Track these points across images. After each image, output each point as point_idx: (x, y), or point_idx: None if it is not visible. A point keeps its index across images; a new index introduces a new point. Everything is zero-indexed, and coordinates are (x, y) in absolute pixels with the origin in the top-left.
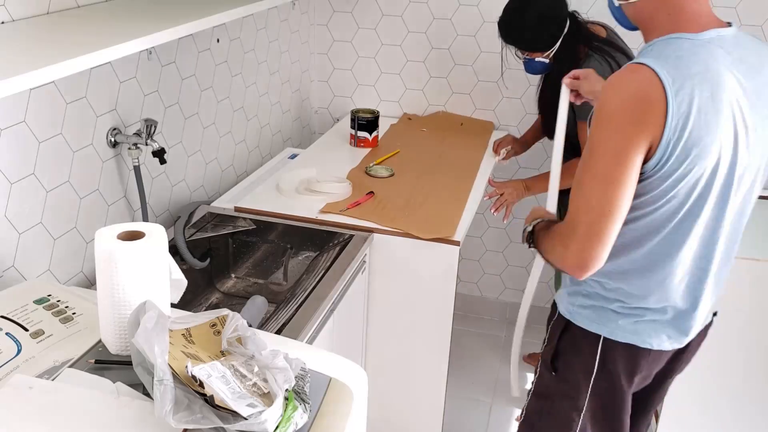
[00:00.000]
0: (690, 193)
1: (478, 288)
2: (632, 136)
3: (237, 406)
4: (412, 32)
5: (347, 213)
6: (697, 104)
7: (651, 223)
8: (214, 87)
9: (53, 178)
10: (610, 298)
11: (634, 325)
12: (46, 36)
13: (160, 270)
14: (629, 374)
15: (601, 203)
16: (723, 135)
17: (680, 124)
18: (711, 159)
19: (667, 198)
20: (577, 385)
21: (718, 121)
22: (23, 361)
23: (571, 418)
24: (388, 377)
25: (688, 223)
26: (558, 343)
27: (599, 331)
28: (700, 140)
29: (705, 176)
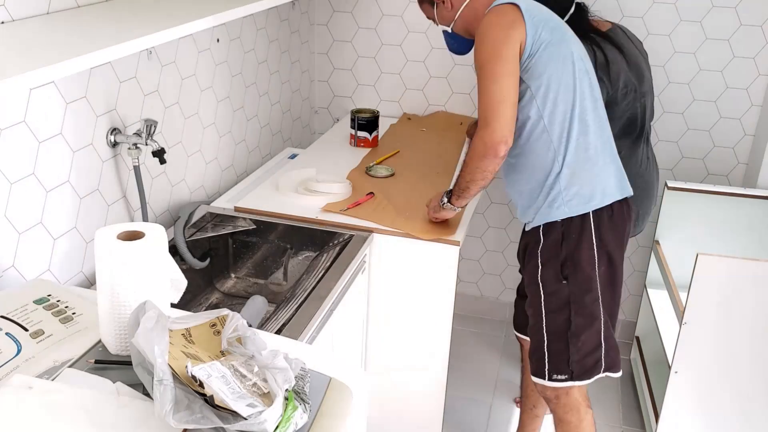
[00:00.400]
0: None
1: (478, 288)
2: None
3: (237, 406)
4: (412, 32)
5: (347, 213)
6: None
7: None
8: (214, 87)
9: (53, 178)
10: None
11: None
12: (46, 36)
13: (160, 270)
14: (620, 240)
15: (494, 93)
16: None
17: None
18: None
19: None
20: (589, 277)
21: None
22: (23, 361)
23: (595, 308)
24: (388, 377)
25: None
26: (560, 254)
27: (593, 206)
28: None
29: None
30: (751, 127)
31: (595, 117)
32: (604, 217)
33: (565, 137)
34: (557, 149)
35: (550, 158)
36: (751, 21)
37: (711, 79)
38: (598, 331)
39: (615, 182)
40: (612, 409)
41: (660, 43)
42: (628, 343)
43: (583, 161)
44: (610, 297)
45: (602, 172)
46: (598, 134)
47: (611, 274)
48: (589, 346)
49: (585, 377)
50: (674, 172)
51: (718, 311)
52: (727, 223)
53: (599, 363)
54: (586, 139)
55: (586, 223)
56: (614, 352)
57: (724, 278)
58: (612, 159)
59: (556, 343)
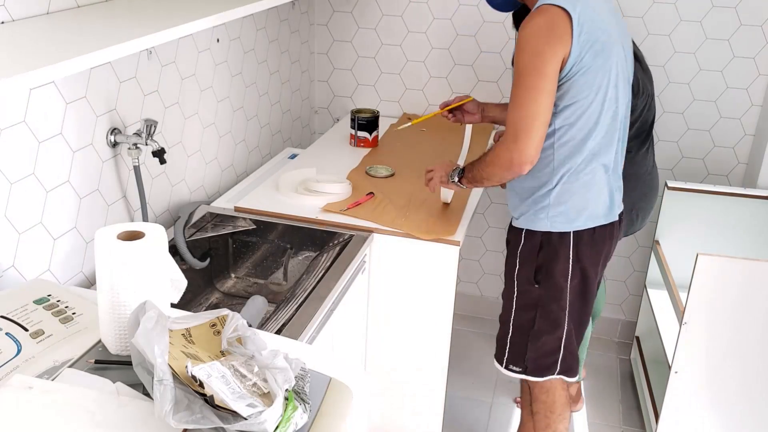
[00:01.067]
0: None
1: (478, 288)
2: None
3: (237, 406)
4: (412, 32)
5: (347, 213)
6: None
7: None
8: (214, 87)
9: (53, 178)
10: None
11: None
12: (46, 36)
13: (160, 270)
14: (597, 258)
15: (531, 108)
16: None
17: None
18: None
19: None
20: (560, 287)
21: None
22: (23, 361)
23: (560, 316)
24: (388, 377)
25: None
26: (536, 260)
27: (575, 227)
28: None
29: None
30: (751, 127)
31: (607, 143)
32: (584, 237)
33: (569, 160)
34: (556, 168)
35: (547, 174)
36: (751, 21)
37: (711, 79)
38: (559, 337)
39: (604, 209)
40: (612, 409)
41: (660, 43)
42: (628, 343)
43: (578, 185)
44: (580, 307)
45: (594, 198)
46: (604, 161)
47: (583, 287)
48: (547, 348)
49: (538, 374)
50: (674, 172)
51: (718, 311)
52: (727, 223)
53: (555, 365)
54: (589, 166)
55: (565, 239)
56: (572, 359)
57: (724, 278)
58: (609, 185)
59: (518, 338)
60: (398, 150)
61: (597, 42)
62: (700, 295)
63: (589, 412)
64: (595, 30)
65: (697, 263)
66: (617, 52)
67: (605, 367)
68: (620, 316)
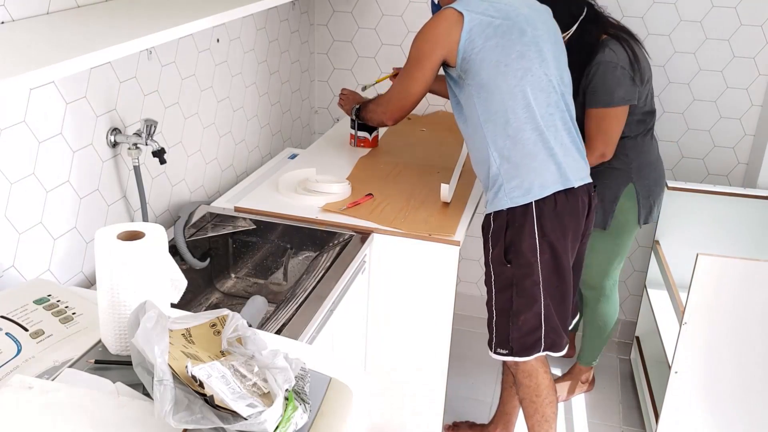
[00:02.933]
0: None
1: (478, 288)
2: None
3: (237, 406)
4: (412, 32)
5: (347, 212)
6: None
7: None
8: (214, 87)
9: (53, 178)
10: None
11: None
12: (46, 36)
13: (160, 270)
14: (562, 230)
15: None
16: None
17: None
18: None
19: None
20: (529, 262)
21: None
22: (23, 361)
23: (535, 291)
24: (388, 377)
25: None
26: (504, 239)
27: (532, 197)
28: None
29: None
30: (751, 127)
31: (542, 116)
32: (546, 209)
33: (499, 135)
34: (491, 145)
35: (486, 152)
36: (751, 21)
37: (711, 79)
38: (537, 313)
39: (555, 176)
40: (612, 409)
41: (660, 43)
42: (628, 343)
43: (521, 156)
44: (556, 283)
45: (541, 166)
46: (542, 129)
47: (555, 263)
48: (528, 326)
49: (525, 354)
50: (674, 172)
51: (718, 311)
52: (727, 223)
53: (539, 342)
54: (525, 135)
55: (528, 213)
56: (554, 334)
57: (724, 278)
58: (553, 153)
59: (500, 320)
60: (398, 150)
61: (489, 26)
62: (700, 295)
63: (589, 412)
64: (486, 18)
65: (697, 263)
66: (519, 30)
67: (605, 367)
68: (620, 316)
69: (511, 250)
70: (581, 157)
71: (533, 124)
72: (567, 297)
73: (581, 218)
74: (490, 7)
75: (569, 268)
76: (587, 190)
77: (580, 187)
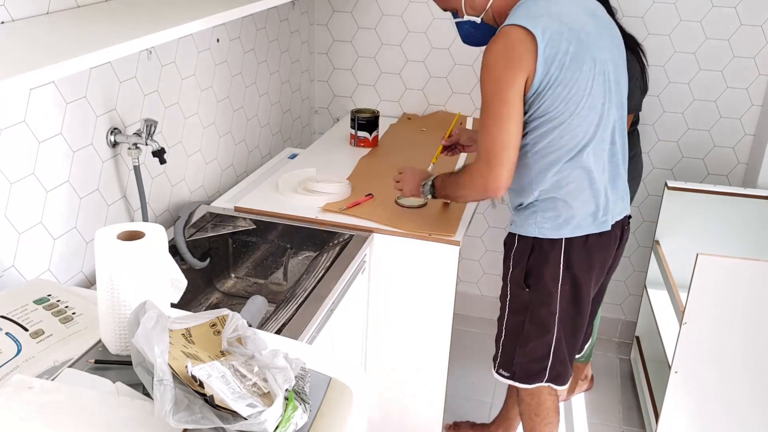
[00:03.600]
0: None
1: (478, 288)
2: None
3: (237, 406)
4: (412, 32)
5: (347, 212)
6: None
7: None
8: (214, 87)
9: (53, 178)
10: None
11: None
12: (46, 36)
13: (160, 270)
14: (588, 267)
15: (499, 137)
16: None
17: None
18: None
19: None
20: (549, 291)
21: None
22: (23, 361)
23: (549, 321)
24: (388, 377)
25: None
26: (527, 262)
27: (562, 235)
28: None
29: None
30: (751, 127)
31: (595, 152)
32: (575, 243)
33: (547, 171)
34: (535, 180)
35: (528, 186)
36: (751, 21)
37: (711, 79)
38: (548, 343)
39: (592, 218)
40: (612, 409)
41: (660, 43)
42: (628, 343)
43: (563, 194)
44: (573, 314)
45: (581, 207)
46: (587, 169)
47: (575, 294)
48: (536, 353)
49: (526, 381)
50: (674, 172)
51: (718, 311)
52: (727, 223)
53: (543, 372)
54: (573, 174)
55: (556, 244)
56: (562, 367)
57: (724, 278)
58: (597, 193)
59: (509, 341)
60: (398, 150)
61: (566, 54)
62: (700, 295)
63: (589, 412)
64: (562, 42)
65: (697, 263)
66: (591, 58)
67: (605, 367)
68: (620, 316)
69: (531, 275)
70: (624, 189)
71: (584, 164)
72: (581, 330)
73: (611, 254)
74: (562, 25)
75: (588, 301)
76: (621, 224)
77: (614, 224)
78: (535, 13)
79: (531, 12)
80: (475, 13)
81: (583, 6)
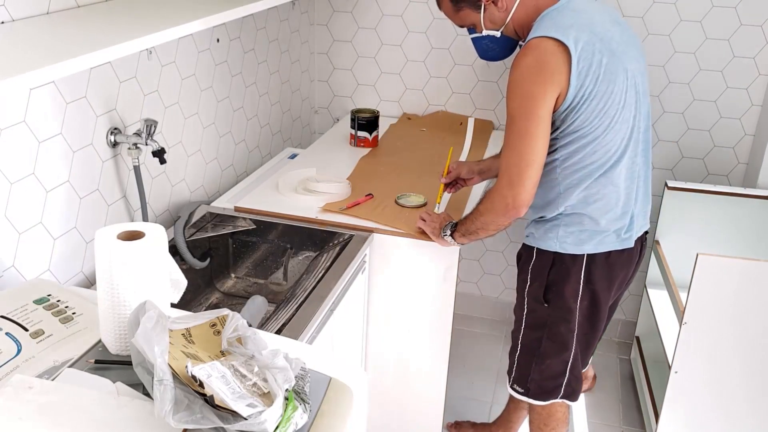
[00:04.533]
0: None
1: (478, 288)
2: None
3: (237, 406)
4: (412, 32)
5: (347, 212)
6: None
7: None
8: (214, 87)
9: (53, 178)
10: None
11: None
12: (46, 36)
13: (160, 270)
14: (608, 284)
15: (525, 154)
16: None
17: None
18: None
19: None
20: (569, 308)
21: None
22: (23, 361)
23: (568, 338)
24: (388, 377)
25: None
26: (547, 278)
27: (585, 251)
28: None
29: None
30: (751, 127)
31: (625, 168)
32: (598, 260)
33: (575, 186)
34: (562, 195)
35: (554, 200)
36: (751, 21)
37: (711, 79)
38: (565, 360)
39: (616, 235)
40: (612, 409)
41: (660, 43)
42: (628, 343)
43: (590, 210)
44: (588, 330)
45: (608, 224)
46: (616, 184)
47: (593, 311)
48: (552, 370)
49: (540, 398)
50: (674, 172)
51: (718, 311)
52: (727, 223)
53: (558, 389)
54: (599, 190)
55: (578, 260)
56: (576, 383)
57: (724, 278)
58: (624, 208)
59: (525, 357)
60: (398, 150)
61: (599, 66)
62: (700, 295)
63: (589, 412)
64: (595, 54)
65: (697, 263)
66: (623, 70)
67: (605, 367)
68: (620, 316)
69: (551, 291)
70: (648, 202)
71: (615, 180)
72: (593, 345)
73: (631, 269)
74: (593, 36)
75: (604, 317)
76: (641, 240)
77: (636, 239)
78: (564, 24)
79: (559, 22)
80: (495, 27)
81: (608, 14)
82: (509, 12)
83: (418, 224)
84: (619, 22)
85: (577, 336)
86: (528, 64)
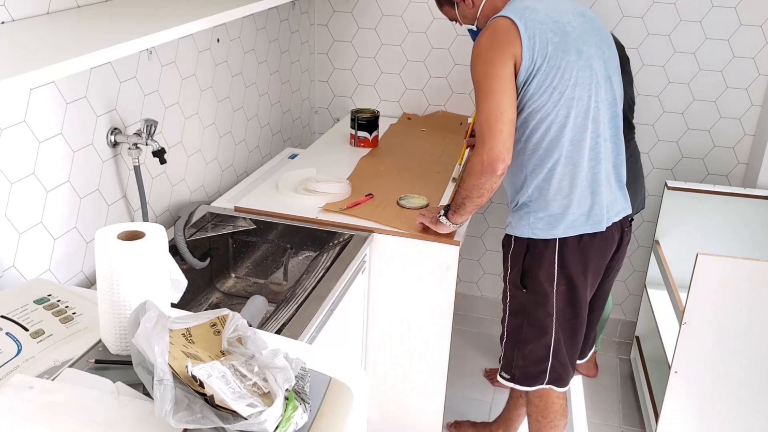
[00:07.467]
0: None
1: (478, 288)
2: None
3: (237, 406)
4: (412, 32)
5: (347, 212)
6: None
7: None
8: (214, 87)
9: (53, 178)
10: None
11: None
12: (46, 36)
13: (160, 270)
14: (583, 268)
15: (491, 109)
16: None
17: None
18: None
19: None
20: (545, 292)
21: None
22: (23, 361)
23: (546, 322)
24: (388, 377)
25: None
26: (523, 263)
27: (555, 235)
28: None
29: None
30: (751, 127)
31: (588, 149)
32: (569, 242)
33: (539, 167)
34: (528, 176)
35: (521, 182)
36: (751, 21)
37: (711, 79)
38: (546, 345)
39: (586, 218)
40: (612, 409)
41: (660, 43)
42: (628, 343)
43: (555, 191)
44: (571, 316)
45: (575, 206)
46: (578, 166)
47: (571, 295)
48: (534, 356)
49: (527, 383)
50: (674, 172)
51: (718, 311)
52: (727, 223)
53: (543, 375)
54: (564, 170)
55: (550, 244)
56: (562, 369)
57: (724, 278)
58: (592, 193)
59: (509, 343)
60: (398, 150)
61: (549, 44)
62: (700, 295)
63: (589, 412)
64: (546, 33)
65: (697, 263)
66: (576, 50)
67: (605, 367)
68: (620, 316)
69: (527, 276)
70: (620, 189)
71: (575, 160)
72: (579, 331)
73: (607, 255)
74: (546, 17)
75: (586, 303)
76: (620, 226)
77: (611, 225)
78: (519, 7)
79: (516, 6)
80: (469, 21)
81: (572, 6)
82: (478, 8)
83: (418, 219)
84: (584, 14)
85: (559, 321)
86: (485, 40)
